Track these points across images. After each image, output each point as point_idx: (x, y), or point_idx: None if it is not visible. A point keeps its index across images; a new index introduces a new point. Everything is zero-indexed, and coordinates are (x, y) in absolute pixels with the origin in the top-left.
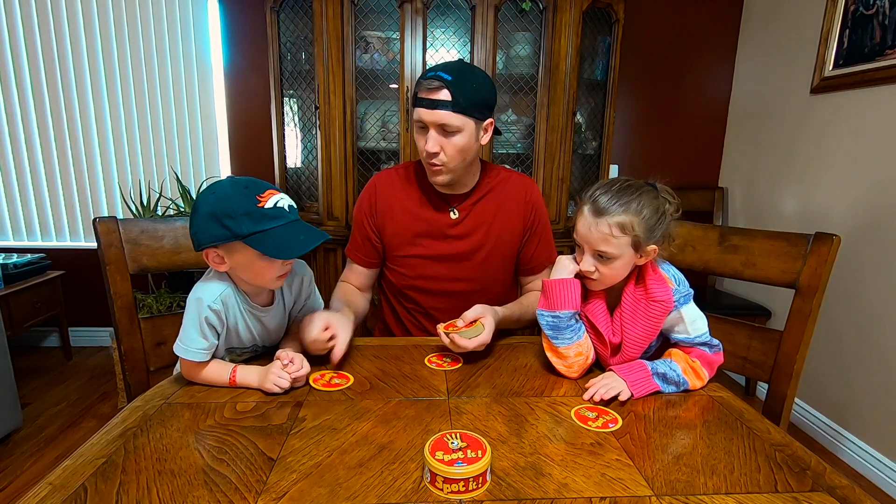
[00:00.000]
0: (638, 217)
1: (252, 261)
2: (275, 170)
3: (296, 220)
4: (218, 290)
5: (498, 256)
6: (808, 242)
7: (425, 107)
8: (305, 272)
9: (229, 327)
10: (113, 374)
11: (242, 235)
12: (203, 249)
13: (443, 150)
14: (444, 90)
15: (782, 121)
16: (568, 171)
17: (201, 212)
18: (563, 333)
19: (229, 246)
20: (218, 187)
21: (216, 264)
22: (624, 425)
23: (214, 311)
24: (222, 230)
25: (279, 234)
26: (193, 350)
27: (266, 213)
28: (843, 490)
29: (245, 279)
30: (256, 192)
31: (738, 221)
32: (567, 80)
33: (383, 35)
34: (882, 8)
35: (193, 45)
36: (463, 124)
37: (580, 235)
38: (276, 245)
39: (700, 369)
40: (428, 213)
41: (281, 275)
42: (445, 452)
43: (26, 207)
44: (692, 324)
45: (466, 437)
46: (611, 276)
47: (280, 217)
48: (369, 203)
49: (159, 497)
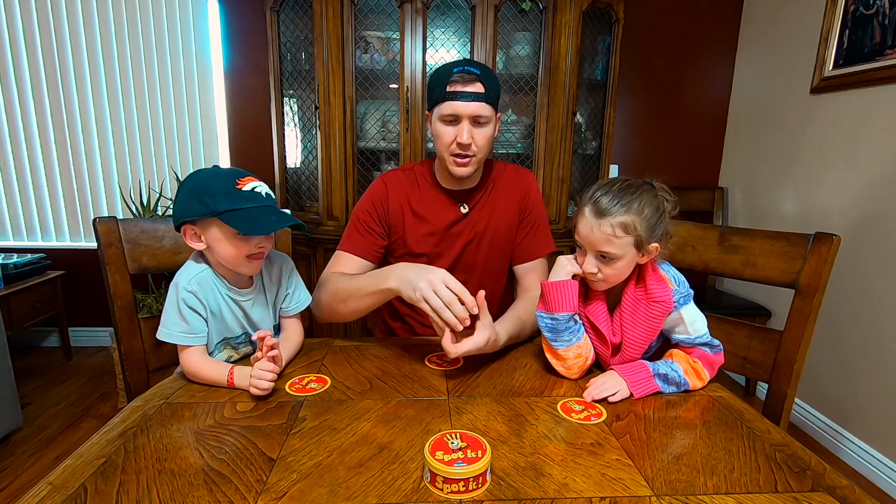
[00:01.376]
0: (640, 216)
1: (225, 239)
2: (275, 170)
3: (272, 205)
4: (193, 272)
5: (497, 247)
6: (808, 242)
7: (462, 99)
8: (285, 262)
9: (213, 312)
10: (113, 374)
11: (218, 212)
12: (182, 225)
13: (474, 141)
14: (479, 83)
15: (782, 121)
16: (568, 171)
17: (183, 190)
18: (561, 335)
19: (205, 223)
20: (202, 170)
21: (193, 242)
22: (624, 425)
23: (190, 291)
24: (200, 206)
25: (253, 213)
26: (175, 333)
27: (243, 194)
28: (843, 490)
29: (220, 259)
30: (237, 176)
31: (738, 221)
32: (567, 80)
33: (383, 35)
34: (882, 8)
35: (193, 45)
36: (491, 115)
37: (582, 237)
38: (247, 222)
39: (701, 370)
40: (439, 213)
41: (252, 255)
42: (445, 452)
43: (26, 207)
44: (692, 324)
45: (466, 437)
46: (614, 277)
47: (256, 200)
48: (381, 201)
49: (159, 497)
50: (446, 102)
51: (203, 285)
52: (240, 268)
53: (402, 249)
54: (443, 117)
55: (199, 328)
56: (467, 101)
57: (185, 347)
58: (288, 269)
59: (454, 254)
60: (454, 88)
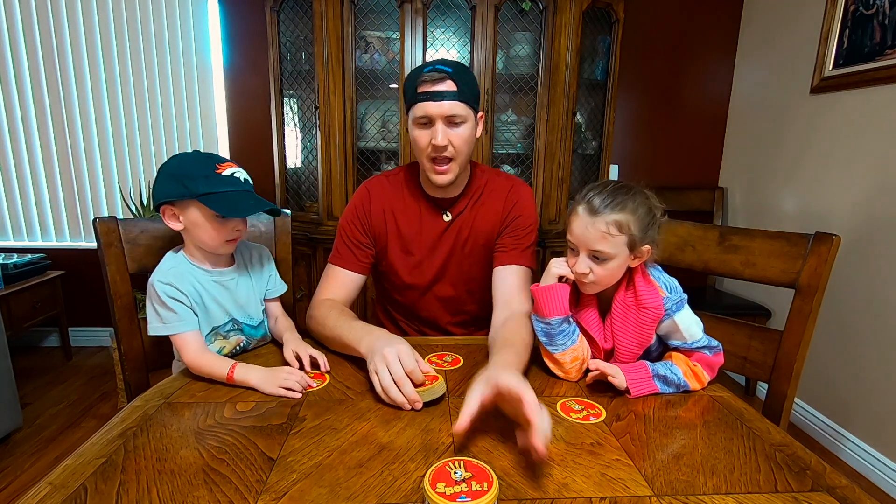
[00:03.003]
0: (634, 216)
1: (204, 220)
2: (275, 170)
3: (249, 190)
4: (167, 266)
5: (480, 256)
6: (808, 242)
7: (432, 99)
8: (262, 249)
9: (196, 299)
10: (113, 374)
11: (197, 194)
12: (161, 206)
13: (450, 143)
14: (449, 80)
15: (782, 121)
16: (568, 171)
17: (164, 173)
18: (555, 339)
19: (184, 204)
20: (183, 154)
21: (171, 222)
22: (624, 425)
23: (167, 283)
24: (180, 188)
25: (230, 196)
26: (165, 325)
27: (223, 178)
28: (843, 490)
29: (197, 240)
30: (217, 161)
31: (738, 221)
32: (567, 80)
33: (383, 35)
34: (882, 8)
35: (193, 45)
36: (467, 114)
37: (575, 236)
38: (226, 205)
39: (701, 372)
40: (421, 219)
41: (230, 239)
42: (448, 485)
43: (26, 207)
44: (687, 330)
45: (471, 467)
46: (606, 278)
47: (234, 184)
48: (364, 210)
49: (159, 497)
50: (417, 104)
51: (180, 278)
52: (217, 249)
53: (387, 259)
54: (416, 120)
55: (188, 315)
56: (438, 100)
57: (180, 338)
58: (266, 254)
59: (438, 262)
60: (424, 89)
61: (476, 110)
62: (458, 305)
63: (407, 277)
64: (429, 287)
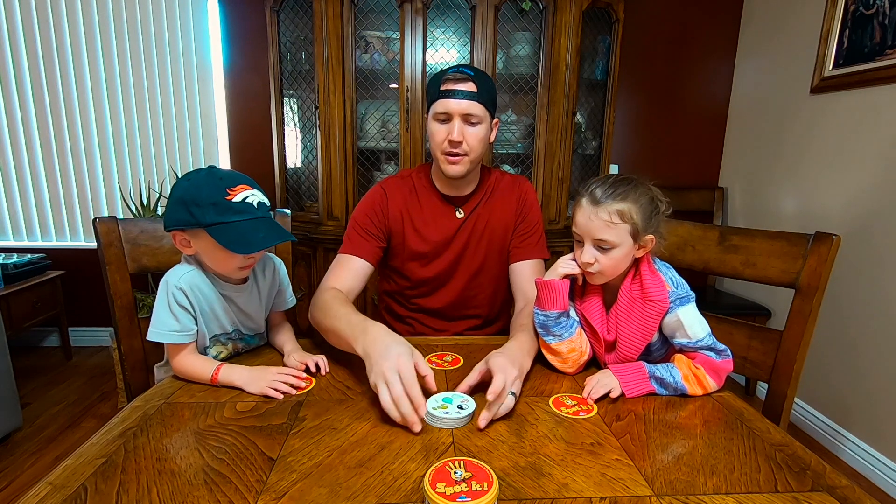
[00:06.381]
0: (636, 205)
1: (213, 249)
2: (275, 170)
3: (263, 217)
4: (183, 271)
5: (494, 249)
6: (807, 242)
7: (453, 97)
8: (278, 264)
9: (204, 309)
10: (113, 374)
11: (205, 224)
12: (171, 231)
13: (465, 140)
14: (470, 82)
15: (782, 121)
16: (568, 171)
17: (174, 196)
18: (551, 331)
19: (194, 231)
20: (194, 175)
21: (183, 246)
22: (624, 425)
23: (181, 288)
24: (188, 216)
25: (240, 227)
26: (166, 332)
27: (232, 206)
28: (843, 490)
29: (209, 267)
30: (229, 184)
31: (738, 221)
32: (567, 80)
33: (383, 35)
34: (882, 8)
35: (193, 45)
36: (484, 116)
37: (579, 226)
38: (235, 238)
39: (704, 377)
40: (435, 216)
41: (243, 267)
42: (448, 485)
43: (26, 207)
44: (690, 328)
45: (471, 466)
46: (611, 268)
47: (246, 212)
48: (381, 206)
49: (159, 497)
50: (439, 100)
51: (193, 285)
52: (230, 275)
53: (403, 254)
54: (436, 115)
55: (190, 326)
56: (458, 98)
57: (176, 346)
58: (281, 270)
59: (452, 256)
60: (447, 87)
61: (492, 115)
62: (467, 302)
63: (420, 273)
64: (441, 283)
